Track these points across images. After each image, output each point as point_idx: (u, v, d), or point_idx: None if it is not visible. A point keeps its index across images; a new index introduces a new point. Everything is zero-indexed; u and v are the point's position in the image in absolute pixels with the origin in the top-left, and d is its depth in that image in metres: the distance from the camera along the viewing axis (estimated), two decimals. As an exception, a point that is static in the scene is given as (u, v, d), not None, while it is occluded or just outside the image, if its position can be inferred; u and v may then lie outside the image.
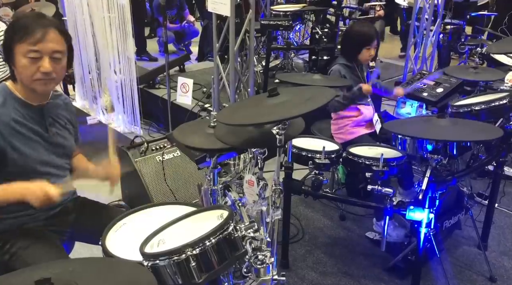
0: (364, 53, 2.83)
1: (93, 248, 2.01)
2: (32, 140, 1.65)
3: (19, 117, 1.61)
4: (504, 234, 2.90)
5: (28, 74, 1.56)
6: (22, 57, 1.54)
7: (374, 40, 2.82)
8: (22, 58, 1.54)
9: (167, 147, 2.95)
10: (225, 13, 3.29)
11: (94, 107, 4.62)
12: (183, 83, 3.79)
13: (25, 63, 1.54)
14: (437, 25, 5.03)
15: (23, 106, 1.64)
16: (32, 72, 1.56)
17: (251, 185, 1.75)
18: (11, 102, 1.62)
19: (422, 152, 2.18)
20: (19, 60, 1.55)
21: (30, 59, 1.54)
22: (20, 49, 1.54)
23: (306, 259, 2.65)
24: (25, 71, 1.56)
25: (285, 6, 5.09)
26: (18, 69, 1.57)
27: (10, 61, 1.59)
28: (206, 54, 6.13)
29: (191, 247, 1.28)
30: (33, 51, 1.53)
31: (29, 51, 1.53)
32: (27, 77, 1.57)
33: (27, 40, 1.53)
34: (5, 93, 1.62)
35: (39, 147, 1.67)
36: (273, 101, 1.67)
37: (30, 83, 1.59)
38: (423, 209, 2.08)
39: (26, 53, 1.53)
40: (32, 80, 1.57)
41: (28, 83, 1.59)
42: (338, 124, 2.93)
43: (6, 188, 1.55)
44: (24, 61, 1.54)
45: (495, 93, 2.62)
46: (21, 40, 1.53)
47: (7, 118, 1.59)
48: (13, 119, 1.60)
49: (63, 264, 1.26)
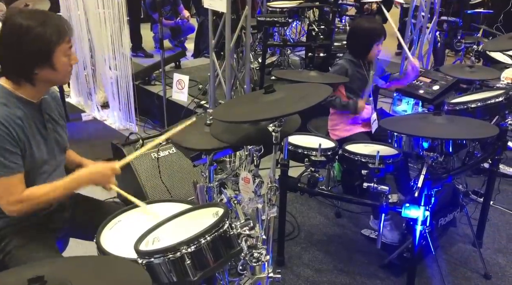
0: (374, 49, 2.81)
1: (88, 245, 1.99)
2: (35, 138, 1.63)
3: (23, 116, 1.59)
4: (499, 231, 2.91)
5: (67, 70, 1.63)
6: (63, 56, 1.59)
7: (383, 35, 2.81)
8: (63, 57, 1.59)
9: (163, 144, 2.93)
10: (221, 9, 3.27)
11: (89, 103, 4.59)
12: (179, 79, 3.78)
13: (66, 61, 1.61)
14: (433, 22, 5.03)
15: (25, 105, 1.61)
16: (68, 67, 1.63)
17: (246, 182, 1.75)
18: (13, 101, 1.58)
19: (418, 149, 2.18)
20: (60, 60, 1.58)
21: (68, 56, 1.61)
22: (61, 49, 1.57)
23: (302, 256, 2.65)
24: (65, 68, 1.62)
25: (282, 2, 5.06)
26: (58, 69, 1.59)
27: (45, 64, 1.56)
28: (202, 50, 6.11)
29: (186, 245, 1.27)
30: (70, 47, 1.61)
31: (68, 49, 1.60)
32: (64, 73, 1.63)
33: (65, 39, 1.58)
34: (5, 93, 1.58)
35: (41, 145, 1.66)
36: (269, 98, 1.66)
37: (63, 78, 1.65)
38: (418, 206, 2.08)
39: (66, 51, 1.59)
40: (66, 74, 1.64)
41: (61, 79, 1.65)
42: (334, 120, 2.93)
43: (75, 178, 1.66)
44: (65, 59, 1.60)
45: (491, 91, 2.62)
46: (61, 41, 1.56)
47: (14, 117, 1.55)
48: (19, 118, 1.57)
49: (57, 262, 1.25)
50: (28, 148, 1.59)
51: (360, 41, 2.84)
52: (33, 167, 1.63)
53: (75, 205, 1.88)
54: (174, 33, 6.60)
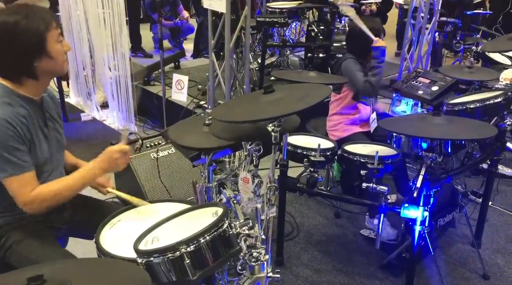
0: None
1: (87, 245, 1.99)
2: (38, 136, 1.63)
3: (27, 115, 1.58)
4: (497, 232, 2.92)
5: (62, 58, 1.61)
6: (56, 43, 1.57)
7: (381, 35, 2.81)
8: (56, 44, 1.58)
9: (162, 144, 2.93)
10: (221, 9, 3.28)
11: (88, 103, 4.59)
12: (178, 80, 3.78)
13: (59, 48, 1.59)
14: (432, 23, 5.04)
15: (28, 103, 1.60)
16: (63, 54, 1.61)
17: (246, 182, 1.75)
18: (17, 100, 1.57)
19: (417, 150, 2.19)
20: (54, 48, 1.57)
21: (60, 43, 1.59)
22: (52, 36, 1.56)
23: (301, 256, 2.65)
24: (60, 56, 1.60)
25: (281, 3, 5.07)
26: (54, 56, 1.57)
27: (42, 54, 1.55)
28: (201, 51, 6.11)
29: (186, 244, 1.27)
30: (60, 33, 1.59)
31: (58, 35, 1.58)
32: (61, 61, 1.61)
33: (52, 25, 1.56)
34: (7, 93, 1.57)
35: (43, 144, 1.65)
36: (269, 98, 1.67)
37: (61, 67, 1.63)
38: (417, 207, 2.08)
39: (57, 37, 1.58)
40: (63, 62, 1.62)
41: (59, 68, 1.62)
42: (333, 121, 2.93)
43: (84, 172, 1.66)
44: (58, 46, 1.59)
45: (490, 92, 2.63)
46: (49, 27, 1.55)
47: (19, 116, 1.55)
48: (23, 116, 1.56)
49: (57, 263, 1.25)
50: (32, 147, 1.59)
51: (358, 41, 2.85)
52: (36, 166, 1.62)
53: (75, 205, 1.87)
54: (174, 33, 6.60)
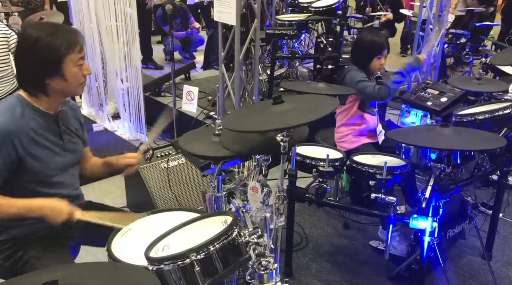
0: (375, 62, 2.83)
1: (97, 253, 2.02)
2: (49, 149, 1.67)
3: (38, 127, 1.64)
4: (508, 244, 2.89)
5: (78, 81, 1.65)
6: (73, 66, 1.61)
7: (385, 49, 2.82)
8: (73, 67, 1.61)
9: (172, 154, 2.97)
10: (231, 22, 3.33)
11: (100, 114, 4.66)
12: (189, 91, 3.82)
13: (77, 71, 1.63)
14: (441, 35, 5.05)
15: (41, 116, 1.66)
16: (80, 78, 1.65)
17: (255, 192, 1.76)
18: (30, 112, 1.63)
19: (425, 160, 2.19)
20: (70, 70, 1.61)
21: (79, 67, 1.63)
22: (71, 59, 1.60)
23: (310, 267, 2.65)
24: (76, 79, 1.64)
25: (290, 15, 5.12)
26: (68, 79, 1.62)
27: (55, 74, 1.59)
28: (211, 62, 6.18)
29: (196, 252, 1.29)
30: (81, 58, 1.63)
31: (79, 59, 1.62)
32: (76, 84, 1.65)
33: (75, 49, 1.60)
34: (23, 104, 1.64)
35: (56, 156, 1.70)
36: (278, 108, 1.69)
37: (75, 89, 1.67)
38: (426, 217, 2.08)
39: (77, 61, 1.61)
40: (78, 85, 1.66)
41: (73, 90, 1.67)
42: (340, 133, 2.94)
43: (28, 203, 1.61)
44: (76, 70, 1.62)
45: (499, 103, 2.62)
46: (70, 51, 1.59)
47: (27, 128, 1.60)
48: (32, 129, 1.62)
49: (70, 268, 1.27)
50: (33, 160, 1.62)
51: (361, 52, 2.88)
52: (47, 175, 1.67)
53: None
54: (184, 44, 6.69)
